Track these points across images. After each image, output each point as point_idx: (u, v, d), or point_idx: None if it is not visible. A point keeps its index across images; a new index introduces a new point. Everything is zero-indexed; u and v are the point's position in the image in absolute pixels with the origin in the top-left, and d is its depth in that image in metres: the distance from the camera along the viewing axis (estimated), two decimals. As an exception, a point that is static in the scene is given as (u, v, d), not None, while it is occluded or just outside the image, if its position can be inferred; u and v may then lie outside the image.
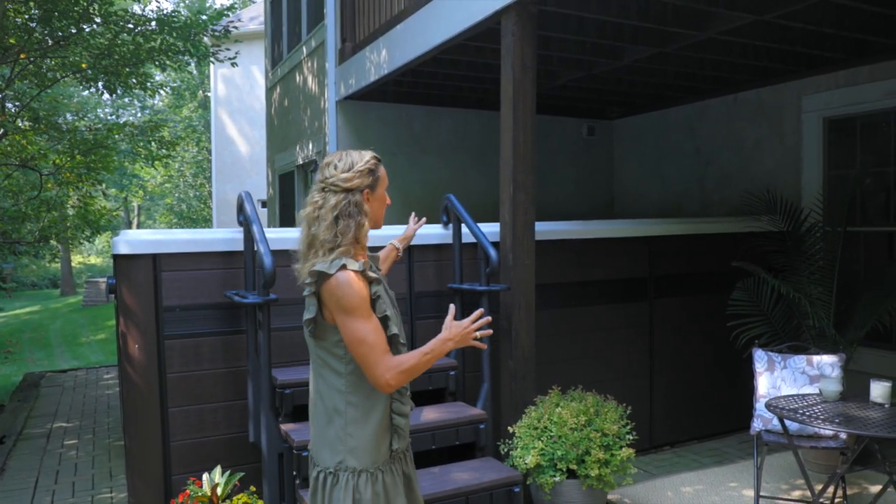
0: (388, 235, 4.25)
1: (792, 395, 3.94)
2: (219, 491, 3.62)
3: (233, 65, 11.20)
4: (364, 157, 2.26)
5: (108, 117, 25.74)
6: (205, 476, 3.69)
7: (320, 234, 2.19)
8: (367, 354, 2.12)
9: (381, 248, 3.19)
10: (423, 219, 3.66)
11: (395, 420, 2.30)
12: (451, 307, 2.28)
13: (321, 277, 2.16)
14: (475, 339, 2.24)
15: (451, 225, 4.65)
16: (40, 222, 11.47)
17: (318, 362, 2.27)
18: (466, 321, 2.23)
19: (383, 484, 2.23)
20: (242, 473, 3.83)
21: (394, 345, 2.25)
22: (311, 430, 2.34)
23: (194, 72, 26.02)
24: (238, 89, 17.95)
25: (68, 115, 14.29)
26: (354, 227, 2.19)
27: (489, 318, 2.30)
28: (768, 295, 5.24)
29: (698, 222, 5.85)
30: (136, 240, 3.94)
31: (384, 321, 2.24)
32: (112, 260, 4.17)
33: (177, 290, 3.98)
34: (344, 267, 2.14)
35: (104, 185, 14.24)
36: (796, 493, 4.49)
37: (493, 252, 4.17)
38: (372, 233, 2.36)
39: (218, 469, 3.73)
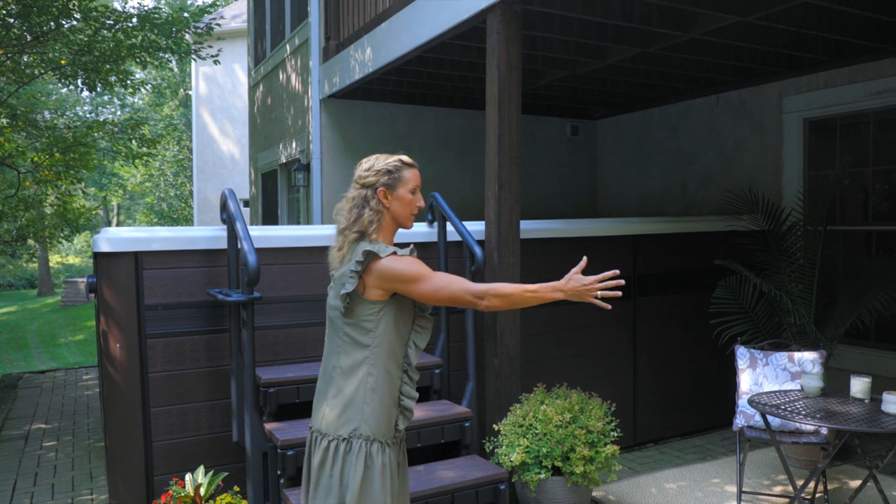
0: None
1: (774, 392, 3.98)
2: (202, 491, 3.59)
3: (215, 62, 11.13)
4: (388, 159, 2.45)
5: (87, 115, 25.43)
6: (188, 476, 3.66)
7: (340, 222, 2.43)
8: (450, 287, 2.29)
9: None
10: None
11: (403, 402, 2.43)
12: (584, 259, 2.32)
13: (369, 257, 2.32)
14: (596, 297, 2.26)
15: (436, 223, 4.65)
16: (18, 221, 11.34)
17: (344, 339, 2.39)
18: (591, 278, 2.25)
19: (389, 458, 2.36)
20: (226, 473, 3.80)
21: (420, 315, 2.46)
22: (322, 407, 2.42)
23: (175, 70, 25.82)
24: (220, 88, 17.83)
25: (46, 114, 14.10)
26: (356, 217, 2.39)
27: (619, 277, 2.26)
28: (750, 293, 5.29)
29: (681, 221, 5.89)
30: (117, 237, 3.89)
31: (415, 303, 2.45)
32: (92, 258, 4.12)
33: (159, 289, 3.95)
34: (394, 253, 2.33)
35: (83, 184, 14.06)
36: (778, 489, 4.53)
37: (478, 250, 4.17)
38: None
39: (201, 469, 3.70)
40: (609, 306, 2.27)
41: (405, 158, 2.48)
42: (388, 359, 2.37)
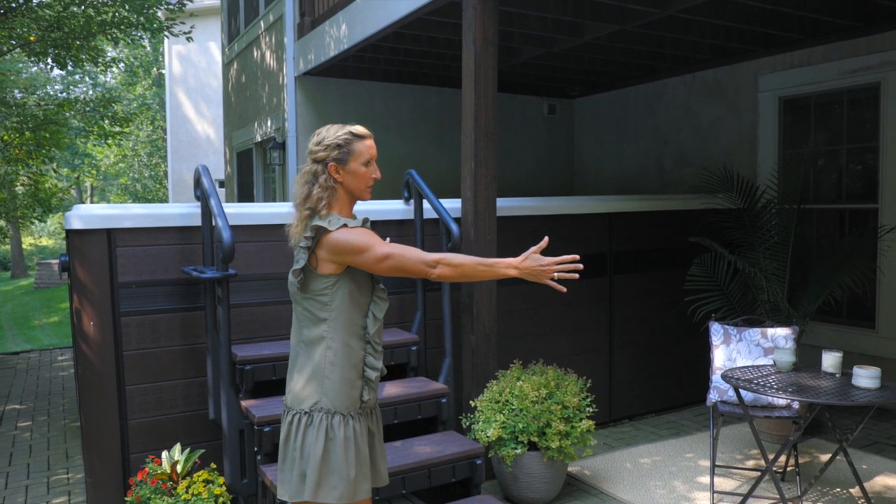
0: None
1: (747, 367, 4.03)
2: (178, 468, 3.58)
3: (188, 39, 10.93)
4: (338, 132, 2.38)
5: (59, 94, 24.92)
6: (164, 454, 3.65)
7: (296, 198, 2.39)
8: (404, 257, 2.27)
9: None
10: None
11: (367, 373, 2.42)
12: (545, 239, 2.34)
13: (319, 231, 2.30)
14: (553, 279, 2.28)
15: (412, 200, 4.63)
16: (-12, 201, 11.12)
17: (304, 314, 2.39)
18: (549, 259, 2.27)
19: (353, 430, 2.35)
20: (202, 451, 3.79)
21: (377, 292, 2.42)
22: (289, 382, 2.44)
23: (148, 48, 25.37)
24: (194, 67, 17.55)
25: (17, 93, 13.78)
26: (307, 194, 2.36)
27: (578, 261, 2.29)
28: (725, 270, 5.34)
29: (657, 199, 5.92)
30: (89, 214, 3.83)
31: (372, 275, 2.41)
32: (65, 237, 4.06)
33: (133, 266, 3.90)
34: (345, 226, 2.30)
35: (55, 163, 13.81)
36: (750, 463, 4.61)
37: (454, 227, 4.16)
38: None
39: (177, 447, 3.69)
40: (564, 289, 2.30)
41: (356, 130, 2.40)
42: (347, 331, 2.36)
